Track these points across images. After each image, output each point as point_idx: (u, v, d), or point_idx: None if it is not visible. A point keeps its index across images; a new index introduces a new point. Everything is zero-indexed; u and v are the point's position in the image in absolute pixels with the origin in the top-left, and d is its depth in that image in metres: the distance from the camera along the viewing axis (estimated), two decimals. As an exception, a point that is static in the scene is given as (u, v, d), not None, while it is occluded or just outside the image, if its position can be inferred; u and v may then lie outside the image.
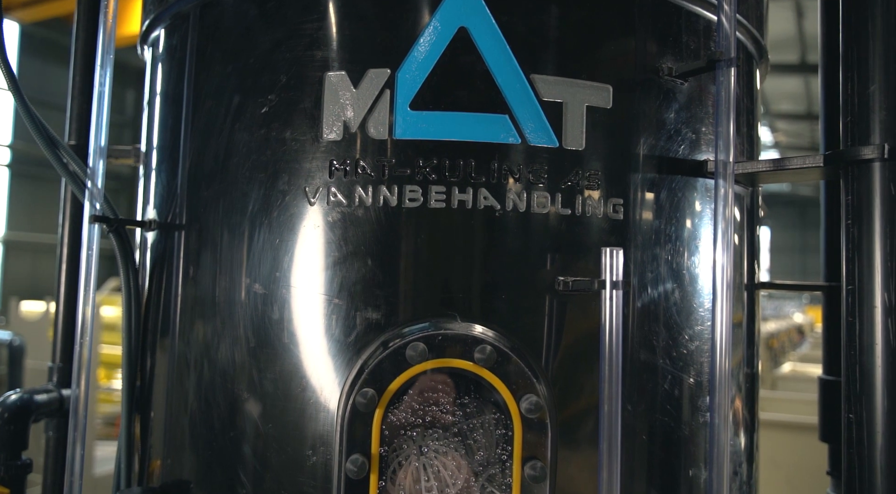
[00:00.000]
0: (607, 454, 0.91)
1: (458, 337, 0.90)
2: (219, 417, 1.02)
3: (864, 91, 0.95)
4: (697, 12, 1.08)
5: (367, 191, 0.95)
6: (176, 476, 1.07)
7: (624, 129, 1.01)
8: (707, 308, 1.07)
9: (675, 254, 1.04)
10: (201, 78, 1.11)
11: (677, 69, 1.04)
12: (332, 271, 0.95)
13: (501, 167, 0.94)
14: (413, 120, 0.94)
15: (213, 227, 1.06)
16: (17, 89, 1.19)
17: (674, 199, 1.05)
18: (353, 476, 0.87)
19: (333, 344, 0.94)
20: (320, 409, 0.93)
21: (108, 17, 1.23)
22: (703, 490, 1.05)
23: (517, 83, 0.95)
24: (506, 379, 0.89)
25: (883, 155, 0.94)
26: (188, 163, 1.14)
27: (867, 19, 0.94)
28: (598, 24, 1.02)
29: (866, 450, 0.93)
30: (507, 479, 0.89)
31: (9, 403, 1.37)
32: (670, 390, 1.03)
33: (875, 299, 0.95)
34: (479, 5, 0.95)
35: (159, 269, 1.18)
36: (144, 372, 1.19)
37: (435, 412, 0.90)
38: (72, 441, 1.14)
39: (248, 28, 1.06)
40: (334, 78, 0.98)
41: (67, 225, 1.54)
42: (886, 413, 0.92)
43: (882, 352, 0.93)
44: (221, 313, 1.03)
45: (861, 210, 0.96)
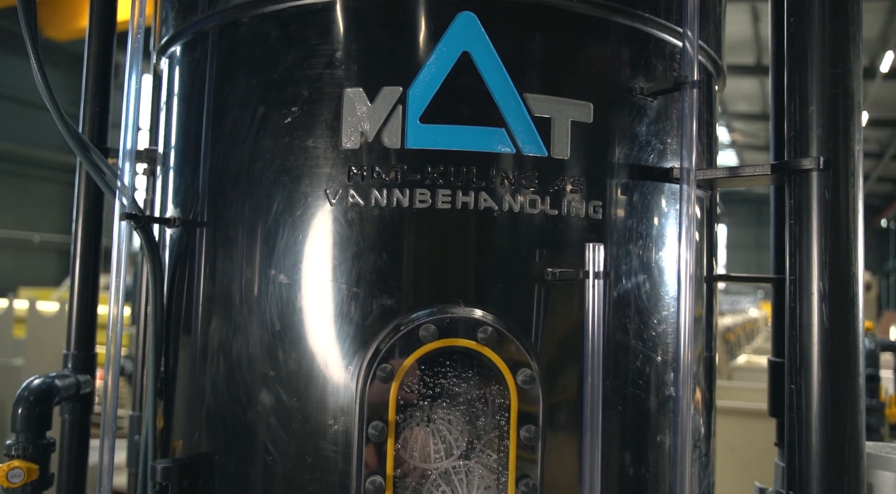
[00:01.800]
0: (590, 419, 1.06)
1: (463, 320, 1.04)
2: (246, 393, 1.15)
3: (804, 111, 1.13)
4: (665, 39, 1.24)
5: (382, 193, 1.08)
6: (204, 448, 1.20)
7: (602, 140, 1.17)
8: (672, 296, 1.24)
9: (645, 249, 1.20)
10: (226, 89, 1.24)
11: (648, 89, 1.20)
12: (351, 264, 1.09)
13: (499, 173, 1.09)
14: (422, 132, 1.09)
15: (240, 224, 1.18)
16: (51, 96, 1.29)
17: (644, 201, 1.21)
18: (374, 439, 1.01)
19: (352, 327, 1.08)
20: (341, 384, 1.07)
21: (135, 28, 1.34)
22: (669, 454, 1.22)
23: (512, 101, 1.10)
24: (504, 356, 1.04)
25: (819, 166, 1.11)
26: (210, 166, 1.26)
27: (806, 51, 1.12)
28: (581, 49, 1.17)
29: (804, 414, 1.11)
30: (505, 441, 1.04)
31: (33, 387, 1.47)
32: (641, 367, 1.19)
33: (812, 287, 1.12)
34: (479, 33, 1.10)
35: (182, 262, 1.30)
36: (169, 357, 1.31)
37: (443, 384, 1.04)
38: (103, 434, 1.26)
39: (271, 47, 1.18)
40: (352, 93, 1.11)
41: (81, 221, 1.64)
42: (820, 383, 1.10)
43: (817, 332, 1.11)
44: (248, 301, 1.16)
45: (801, 212, 1.13)
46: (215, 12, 1.27)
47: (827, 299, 1.11)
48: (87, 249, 1.65)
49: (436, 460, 1.04)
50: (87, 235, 1.64)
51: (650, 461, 1.19)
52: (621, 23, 1.18)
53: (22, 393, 1.46)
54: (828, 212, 1.12)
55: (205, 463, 1.19)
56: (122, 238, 1.29)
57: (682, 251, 1.19)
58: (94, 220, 1.65)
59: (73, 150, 1.32)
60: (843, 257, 1.12)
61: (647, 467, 1.18)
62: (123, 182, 1.30)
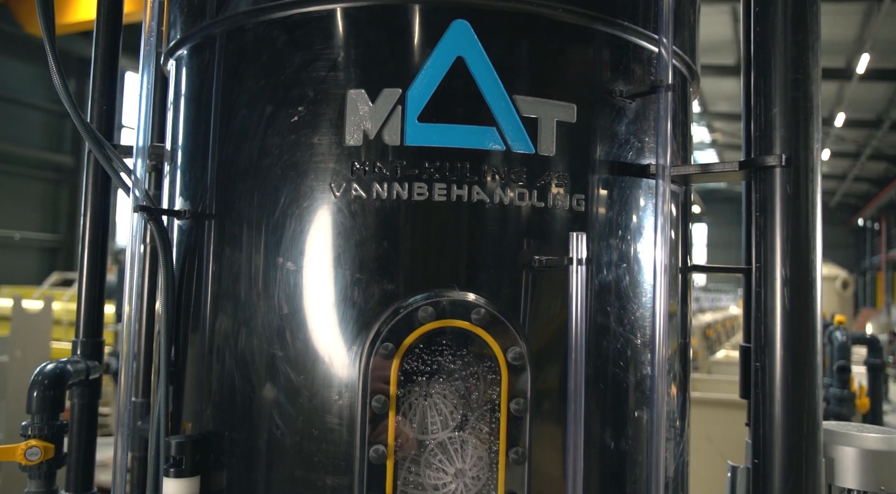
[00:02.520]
0: (574, 394, 1.16)
1: (458, 302, 1.14)
2: (256, 372, 1.24)
3: (769, 113, 1.23)
4: (643, 45, 1.34)
5: (383, 187, 1.18)
6: (215, 425, 1.28)
7: (585, 139, 1.27)
8: (649, 284, 1.34)
9: (624, 239, 1.30)
10: (234, 90, 1.32)
11: (627, 92, 1.30)
12: (354, 252, 1.18)
13: (490, 169, 1.19)
14: (420, 130, 1.18)
15: (249, 215, 1.27)
16: (68, 95, 1.37)
17: (623, 195, 1.31)
18: (377, 411, 1.11)
19: (356, 310, 1.17)
20: (346, 362, 1.16)
21: (147, 29, 1.42)
22: (646, 428, 1.32)
23: (502, 102, 1.20)
24: (495, 335, 1.14)
25: (782, 163, 1.22)
26: (218, 161, 1.35)
27: (770, 58, 1.22)
28: (565, 55, 1.27)
29: (768, 389, 1.21)
30: (496, 414, 1.14)
31: (47, 371, 1.54)
32: (621, 348, 1.29)
33: (776, 273, 1.23)
34: (472, 40, 1.19)
35: (192, 251, 1.38)
36: (180, 340, 1.39)
37: (439, 361, 1.14)
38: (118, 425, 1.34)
39: (278, 51, 1.27)
40: (354, 95, 1.20)
41: (90, 214, 1.72)
42: (783, 360, 1.20)
43: (780, 314, 1.21)
44: (257, 286, 1.25)
45: (766, 205, 1.24)
46: (223, 18, 1.35)
47: (788, 284, 1.22)
48: (94, 240, 1.72)
49: (433, 431, 1.14)
50: (94, 227, 1.72)
51: (629, 434, 1.29)
52: (602, 30, 1.29)
53: (36, 377, 1.53)
54: (789, 205, 1.22)
55: (216, 439, 1.28)
56: (136, 230, 1.37)
57: (657, 241, 1.30)
58: (100, 213, 1.73)
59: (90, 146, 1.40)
60: (803, 245, 1.23)
61: (627, 439, 1.28)
62: (137, 176, 1.38)
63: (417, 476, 1.13)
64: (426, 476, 1.13)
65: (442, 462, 1.13)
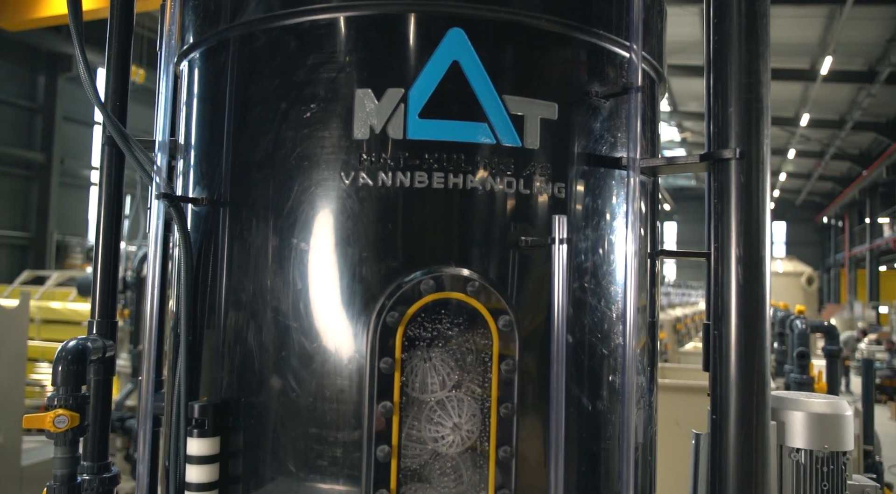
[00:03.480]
0: (556, 357, 1.33)
1: (455, 277, 1.30)
2: (272, 341, 1.38)
3: (725, 112, 1.41)
4: (616, 51, 1.51)
5: (388, 175, 1.33)
6: (235, 390, 1.43)
7: (565, 134, 1.43)
8: (621, 262, 1.51)
9: (599, 223, 1.47)
10: (250, 89, 1.46)
11: (601, 92, 1.47)
12: (362, 233, 1.33)
13: (482, 160, 1.35)
14: (421, 125, 1.34)
15: (264, 201, 1.41)
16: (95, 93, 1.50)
17: (598, 184, 1.48)
18: (385, 371, 1.26)
19: (363, 285, 1.32)
20: (356, 330, 1.31)
21: (167, 30, 1.56)
22: (618, 390, 1.49)
23: (493, 101, 1.36)
24: (487, 305, 1.30)
25: (736, 156, 1.40)
26: (233, 154, 1.49)
27: (726, 65, 1.40)
28: (548, 59, 1.44)
29: (725, 352, 1.39)
30: (488, 374, 1.30)
31: (70, 347, 1.67)
32: (598, 321, 1.46)
33: (731, 252, 1.41)
34: (466, 46, 1.35)
35: (208, 234, 1.52)
36: (199, 316, 1.52)
37: (438, 329, 1.29)
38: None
39: (291, 54, 1.42)
40: (361, 93, 1.35)
41: (104, 203, 1.84)
42: (737, 327, 1.38)
43: (734, 287, 1.39)
44: (273, 264, 1.39)
45: (722, 193, 1.42)
46: (238, 24, 1.49)
47: (741, 261, 1.39)
48: (108, 227, 1.85)
49: (432, 390, 1.30)
50: (108, 214, 1.85)
51: (603, 396, 1.46)
52: (580, 38, 1.45)
53: (60, 353, 1.66)
54: (742, 192, 1.40)
55: (234, 403, 1.42)
56: (159, 216, 1.50)
57: (628, 225, 1.47)
58: (114, 202, 1.85)
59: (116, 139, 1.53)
60: (754, 228, 1.40)
61: (602, 400, 1.45)
62: (159, 167, 1.52)
63: (419, 431, 1.29)
64: (427, 430, 1.29)
65: (441, 416, 1.29)
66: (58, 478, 1.63)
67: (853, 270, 39.52)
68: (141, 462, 1.66)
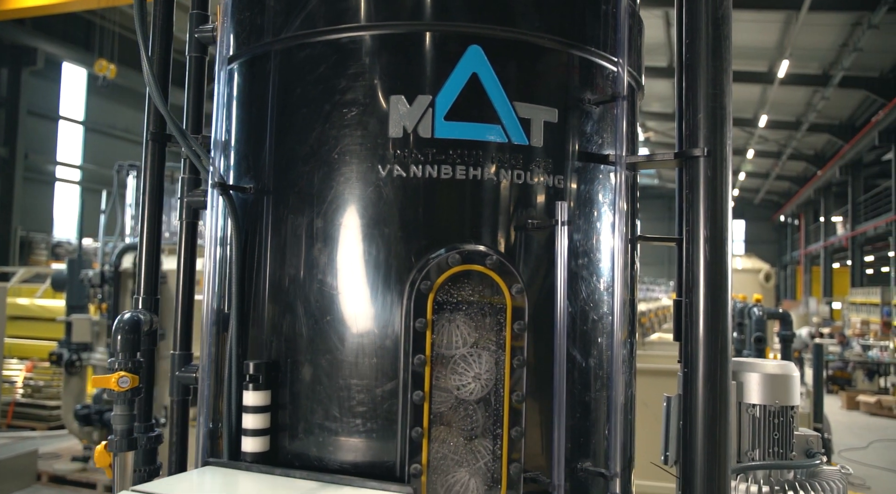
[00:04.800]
0: (559, 319, 1.61)
1: (476, 252, 1.57)
2: (318, 308, 1.63)
3: (695, 117, 1.70)
4: (605, 66, 1.79)
5: (418, 167, 1.59)
6: (285, 350, 1.67)
7: (563, 134, 1.71)
8: (608, 243, 1.79)
9: (591, 210, 1.75)
10: (296, 92, 1.71)
11: (593, 100, 1.75)
12: (396, 216, 1.59)
13: (497, 155, 1.62)
14: (446, 126, 1.60)
15: (309, 189, 1.66)
16: (159, 93, 1.72)
17: (590, 177, 1.76)
18: (419, 330, 1.52)
19: (399, 259, 1.58)
20: (394, 296, 1.57)
21: (220, 41, 1.79)
22: (605, 351, 1.77)
23: (505, 106, 1.63)
24: (502, 275, 1.57)
25: (704, 154, 1.69)
26: (276, 149, 1.73)
27: (696, 77, 1.69)
28: (550, 72, 1.71)
29: (694, 317, 1.68)
30: (503, 333, 1.57)
31: (126, 319, 1.89)
32: (591, 291, 1.74)
33: (700, 233, 1.69)
34: (483, 60, 1.62)
35: (255, 218, 1.76)
36: (244, 289, 1.76)
37: (462, 294, 1.56)
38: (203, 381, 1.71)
39: (334, 64, 1.66)
40: (395, 99, 1.61)
41: (148, 190, 2.07)
42: (704, 295, 1.67)
43: (703, 262, 1.68)
44: (318, 243, 1.64)
45: (693, 185, 1.71)
46: (282, 38, 1.73)
47: (708, 241, 1.68)
48: (152, 213, 2.07)
49: (456, 347, 1.56)
50: (152, 200, 2.07)
51: (593, 353, 1.74)
52: (576, 54, 1.73)
53: (118, 325, 1.89)
54: (709, 184, 1.69)
55: (283, 362, 1.67)
56: (216, 202, 1.74)
57: (616, 212, 1.75)
58: (157, 188, 2.08)
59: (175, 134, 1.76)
60: (719, 213, 1.69)
61: (592, 357, 1.74)
62: (213, 159, 1.75)
63: (445, 381, 1.56)
64: (452, 380, 1.56)
65: (464, 368, 1.56)
66: (118, 432, 1.85)
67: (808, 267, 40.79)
68: (171, 425, 1.91)
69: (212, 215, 1.77)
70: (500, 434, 1.56)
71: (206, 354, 1.75)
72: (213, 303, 1.76)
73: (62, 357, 9.14)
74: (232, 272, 1.75)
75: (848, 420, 14.80)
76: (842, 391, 17.30)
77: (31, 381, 12.01)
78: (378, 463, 1.56)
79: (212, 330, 1.75)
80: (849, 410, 16.00)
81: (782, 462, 2.01)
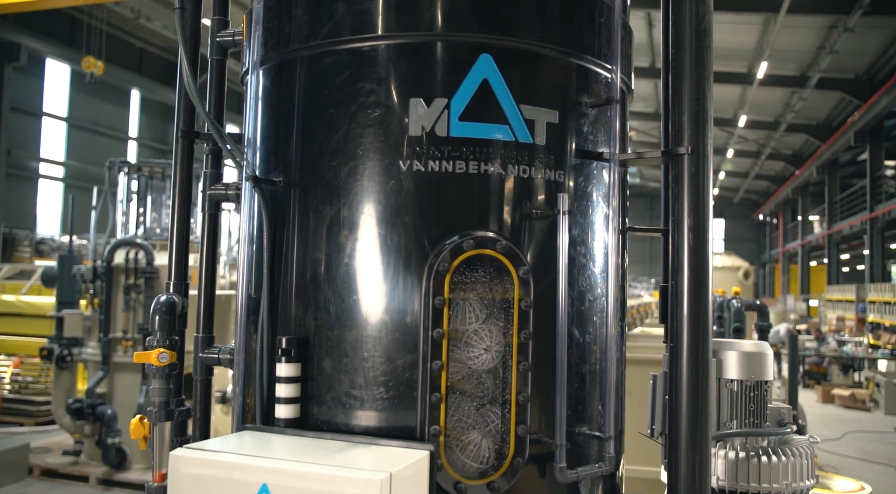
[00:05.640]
0: (561, 298, 1.81)
1: (488, 238, 1.76)
2: (345, 288, 1.82)
3: (680, 119, 1.91)
4: (600, 72, 2.00)
5: (435, 162, 1.78)
6: (314, 327, 1.85)
7: (563, 134, 1.91)
8: (602, 231, 2.00)
9: (587, 202, 1.96)
10: (323, 94, 1.89)
11: (589, 103, 1.95)
12: (416, 206, 1.78)
13: (505, 152, 1.81)
14: (460, 126, 1.79)
15: (336, 182, 1.84)
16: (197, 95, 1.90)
17: (586, 173, 1.97)
18: (438, 306, 1.71)
19: (418, 244, 1.77)
20: (415, 277, 1.76)
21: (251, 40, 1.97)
22: (600, 328, 1.98)
23: (512, 109, 1.82)
24: (510, 259, 1.77)
25: (688, 152, 1.89)
26: (303, 145, 1.91)
27: (681, 84, 1.90)
28: (552, 78, 1.91)
29: (679, 297, 1.89)
30: (511, 310, 1.77)
31: (163, 301, 2.07)
32: (588, 275, 1.94)
33: (684, 223, 1.90)
34: (493, 67, 1.81)
35: (284, 210, 1.94)
36: (274, 273, 1.94)
37: (475, 275, 1.76)
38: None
39: (357, 69, 1.85)
40: (415, 101, 1.80)
41: (178, 187, 2.24)
42: (687, 278, 1.88)
43: (687, 249, 1.89)
44: (345, 229, 1.82)
45: (678, 179, 1.91)
46: (308, 45, 1.91)
47: (692, 229, 1.89)
48: (182, 206, 2.25)
49: (469, 322, 1.76)
50: (182, 194, 2.25)
51: (590, 330, 1.95)
52: (575, 62, 1.93)
53: (156, 306, 2.06)
54: (692, 179, 1.90)
55: (313, 336, 1.85)
56: (249, 195, 1.92)
57: (611, 203, 1.96)
58: (186, 182, 2.25)
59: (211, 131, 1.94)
60: (701, 205, 1.90)
61: (589, 333, 1.94)
62: (246, 154, 1.93)
63: (460, 353, 1.75)
64: (465, 352, 1.75)
65: (476, 341, 1.75)
66: (156, 404, 2.03)
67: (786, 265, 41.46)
68: (196, 401, 2.08)
69: (245, 207, 1.95)
70: (509, 399, 1.76)
71: (241, 333, 1.93)
72: (247, 288, 1.94)
73: (53, 352, 9.21)
74: (263, 257, 1.93)
75: (823, 413, 15.21)
76: (818, 385, 17.73)
77: (18, 377, 12.04)
78: (400, 427, 1.75)
79: (246, 312, 1.93)
80: (824, 403, 16.42)
81: (757, 429, 2.23)
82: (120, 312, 8.79)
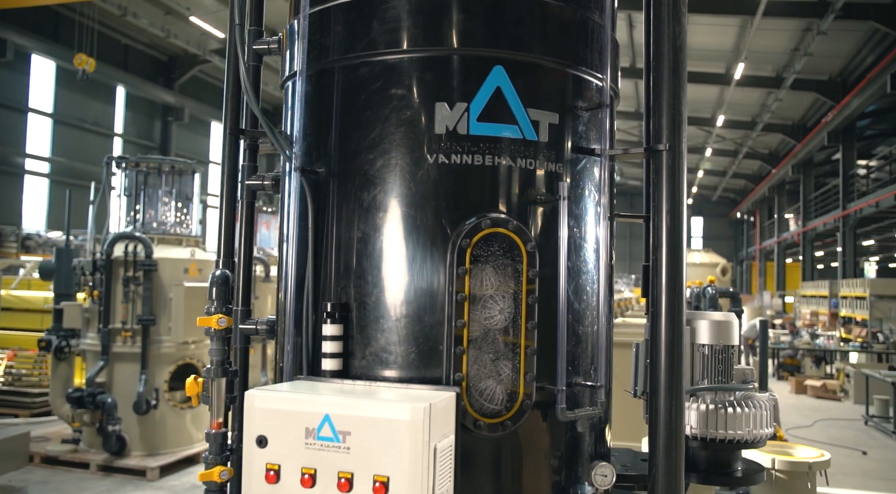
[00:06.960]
0: (562, 268, 2.18)
1: (501, 219, 2.12)
2: (381, 260, 2.17)
3: (659, 120, 2.28)
4: (593, 81, 2.37)
5: (457, 156, 2.14)
6: (353, 295, 2.20)
7: (562, 133, 2.28)
8: (594, 215, 2.37)
9: (583, 190, 2.32)
10: (360, 98, 2.24)
11: (583, 106, 2.32)
12: (441, 193, 2.14)
13: (515, 148, 2.17)
14: (478, 126, 2.15)
15: (372, 172, 2.19)
16: (255, 97, 2.24)
17: (581, 166, 2.33)
18: (461, 275, 2.07)
19: (441, 225, 2.13)
20: (440, 251, 2.11)
21: (295, 51, 2.31)
22: (592, 297, 2.35)
23: (521, 112, 2.19)
24: (519, 236, 2.13)
25: (666, 148, 2.27)
26: (340, 142, 2.26)
27: (661, 90, 2.27)
28: (553, 86, 2.28)
29: (657, 274, 2.26)
30: (520, 278, 2.13)
31: (219, 275, 2.41)
32: (584, 251, 2.31)
33: (663, 211, 2.27)
34: (504, 77, 2.17)
35: (325, 196, 2.29)
36: (318, 249, 2.29)
37: (490, 250, 2.12)
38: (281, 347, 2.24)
39: (390, 78, 2.20)
40: (439, 105, 2.16)
41: (226, 180, 2.57)
42: (665, 255, 2.25)
43: (665, 232, 2.26)
44: (381, 212, 2.17)
45: (657, 173, 2.29)
46: (346, 57, 2.26)
47: (669, 213, 2.27)
48: (230, 196, 2.58)
49: (486, 288, 2.12)
50: (230, 186, 2.58)
51: (584, 298, 2.32)
52: (572, 72, 2.30)
53: (213, 278, 2.40)
54: (669, 171, 2.27)
55: (352, 302, 2.20)
56: (295, 186, 2.27)
57: (602, 190, 2.33)
58: (233, 175, 2.59)
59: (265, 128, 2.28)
60: (677, 196, 2.28)
61: (583, 301, 2.31)
62: (293, 148, 2.28)
63: (478, 315, 2.11)
64: (482, 313, 2.11)
65: (491, 304, 2.12)
66: (214, 363, 2.37)
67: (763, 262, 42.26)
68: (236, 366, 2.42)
69: (291, 194, 2.30)
70: (519, 352, 2.12)
71: (291, 301, 2.27)
72: (294, 262, 2.29)
73: (51, 344, 9.43)
74: (308, 236, 2.28)
75: (796, 403, 15.79)
76: (791, 377, 18.33)
77: (12, 370, 12.22)
78: (428, 376, 2.11)
79: (296, 283, 2.27)
80: (797, 394, 17.01)
81: (724, 385, 2.62)
82: (119, 303, 9.04)
